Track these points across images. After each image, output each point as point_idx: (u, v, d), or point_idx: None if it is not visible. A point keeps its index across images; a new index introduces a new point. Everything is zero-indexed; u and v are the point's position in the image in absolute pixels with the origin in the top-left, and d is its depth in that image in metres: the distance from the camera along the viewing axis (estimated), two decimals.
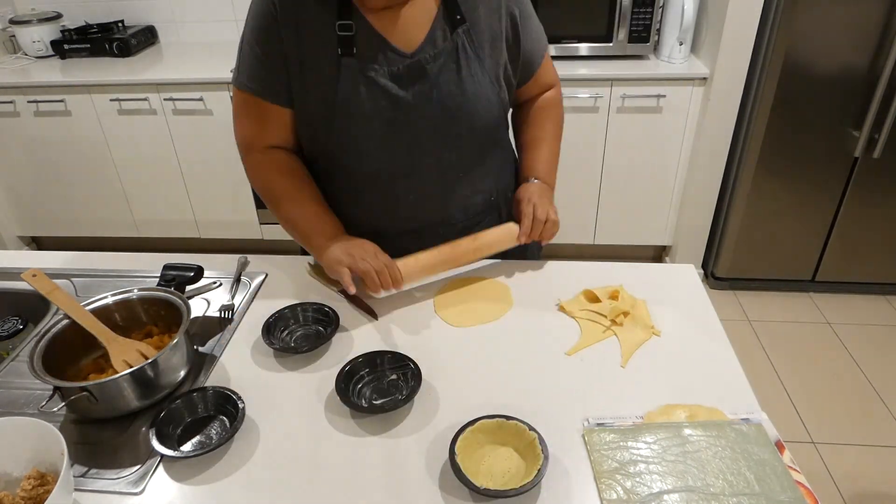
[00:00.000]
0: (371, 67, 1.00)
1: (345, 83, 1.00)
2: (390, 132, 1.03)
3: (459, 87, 1.02)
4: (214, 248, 2.90)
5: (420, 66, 1.01)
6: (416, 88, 1.01)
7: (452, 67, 1.02)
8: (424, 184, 1.10)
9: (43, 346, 0.88)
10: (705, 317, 1.05)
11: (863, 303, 2.56)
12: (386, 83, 1.00)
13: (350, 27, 0.99)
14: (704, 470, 0.77)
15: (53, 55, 2.81)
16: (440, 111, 1.03)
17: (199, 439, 0.84)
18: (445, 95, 1.02)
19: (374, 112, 1.01)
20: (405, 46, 1.01)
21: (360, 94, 1.00)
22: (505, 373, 0.94)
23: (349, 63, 0.99)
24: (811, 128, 2.24)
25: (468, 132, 1.07)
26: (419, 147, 1.05)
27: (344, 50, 0.99)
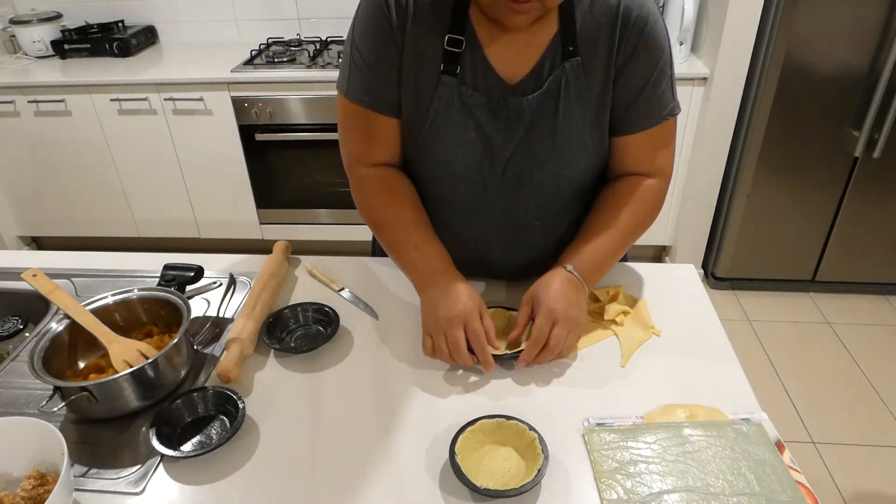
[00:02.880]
0: (469, 94, 0.92)
1: (439, 102, 0.93)
2: (472, 166, 0.96)
3: (553, 131, 0.93)
4: (214, 248, 2.90)
5: (517, 102, 0.92)
6: (506, 125, 0.93)
7: (550, 108, 0.92)
8: (494, 224, 1.02)
9: (43, 346, 0.88)
10: (705, 317, 1.05)
11: (863, 303, 2.56)
12: (480, 115, 0.93)
13: (459, 43, 0.90)
14: (704, 470, 0.77)
15: (53, 55, 2.82)
16: (528, 156, 0.95)
17: (200, 439, 0.84)
18: (535, 140, 0.93)
19: (459, 142, 0.94)
20: (508, 76, 0.92)
21: (451, 119, 0.93)
22: (505, 373, 0.94)
23: (448, 82, 0.92)
24: (811, 128, 2.24)
25: (554, 181, 0.97)
26: (497, 187, 0.98)
27: (447, 67, 0.91)
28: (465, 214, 1.03)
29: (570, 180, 0.99)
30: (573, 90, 0.92)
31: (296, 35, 2.90)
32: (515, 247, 1.06)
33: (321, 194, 2.74)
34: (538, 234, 1.05)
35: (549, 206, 1.02)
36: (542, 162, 0.96)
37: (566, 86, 0.91)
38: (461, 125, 0.94)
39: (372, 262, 1.21)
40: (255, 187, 2.74)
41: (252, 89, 2.50)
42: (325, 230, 2.83)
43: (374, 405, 0.86)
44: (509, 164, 0.96)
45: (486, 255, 1.07)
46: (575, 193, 1.02)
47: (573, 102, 0.92)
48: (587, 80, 0.92)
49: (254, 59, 2.62)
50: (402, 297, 1.11)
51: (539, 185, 0.98)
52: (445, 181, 1.00)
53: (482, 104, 0.93)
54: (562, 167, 0.96)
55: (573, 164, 0.97)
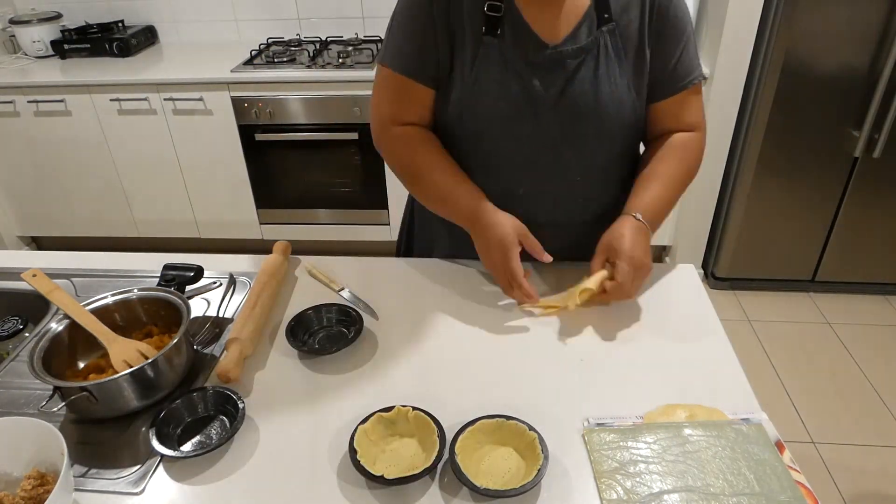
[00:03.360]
0: (510, 51, 1.00)
1: (482, 62, 1.00)
2: (516, 119, 1.02)
3: (594, 87, 1.00)
4: (214, 248, 2.90)
5: (559, 58, 0.99)
6: (549, 80, 1.00)
7: (591, 65, 1.00)
8: (539, 179, 1.08)
9: (43, 346, 0.88)
10: (705, 317, 1.05)
11: (863, 303, 2.56)
12: (521, 69, 1.00)
13: (499, 8, 0.99)
14: (704, 470, 0.77)
15: (53, 55, 2.82)
16: (569, 107, 1.01)
17: (200, 439, 0.84)
18: (578, 93, 1.00)
19: (502, 95, 1.01)
20: (548, 37, 1.00)
21: (493, 75, 1.00)
22: (505, 373, 0.94)
23: (490, 42, 1.00)
24: (811, 128, 2.24)
25: (595, 134, 1.04)
26: (541, 140, 1.04)
27: (488, 30, 0.99)
28: (511, 170, 1.07)
29: (610, 136, 1.05)
30: (611, 51, 1.00)
31: (296, 35, 2.90)
32: (560, 204, 1.11)
33: (321, 194, 2.74)
34: (582, 191, 1.10)
35: (592, 161, 1.07)
36: (584, 115, 1.01)
37: (604, 47, 1.00)
38: (503, 80, 1.00)
39: (372, 261, 1.21)
40: (254, 187, 2.74)
41: (252, 89, 2.50)
42: (325, 230, 2.83)
43: (373, 405, 0.86)
44: (552, 117, 1.02)
45: (533, 212, 1.09)
46: (615, 152, 1.09)
47: (612, 62, 1.00)
48: (623, 44, 1.01)
49: (254, 59, 2.62)
50: (402, 297, 1.11)
51: (581, 139, 1.04)
52: (491, 137, 1.05)
53: (523, 60, 1.00)
54: (603, 121, 1.02)
55: (614, 119, 1.03)
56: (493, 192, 1.08)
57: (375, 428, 0.82)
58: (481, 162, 1.09)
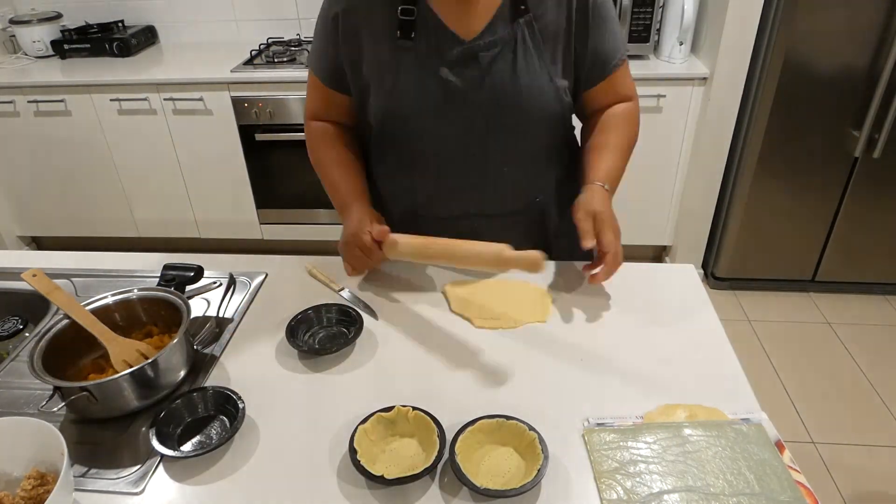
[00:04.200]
0: (426, 52, 1.02)
1: (399, 65, 1.03)
2: (437, 117, 1.05)
3: (512, 78, 1.02)
4: (214, 248, 2.90)
5: (473, 52, 1.01)
6: (467, 75, 1.02)
7: (508, 57, 1.01)
8: (466, 171, 1.10)
9: (43, 346, 0.88)
10: (705, 317, 1.05)
11: (863, 303, 2.56)
12: (438, 67, 1.02)
13: (411, 12, 1.01)
14: (704, 470, 0.77)
15: (53, 55, 2.82)
16: (489, 99, 1.03)
17: (200, 439, 0.84)
18: (497, 84, 1.02)
19: (423, 94, 1.03)
20: (464, 33, 1.02)
21: (410, 77, 1.03)
22: (505, 373, 0.94)
23: (405, 45, 1.02)
24: (811, 128, 2.24)
25: (516, 124, 1.06)
26: (464, 133, 1.06)
27: (402, 34, 1.01)
28: (438, 166, 1.10)
29: (534, 126, 1.08)
30: (529, 42, 1.02)
31: (296, 35, 2.90)
32: (490, 195, 1.13)
33: (321, 194, 2.69)
34: (511, 182, 1.12)
35: (518, 152, 1.10)
36: (505, 107, 1.04)
37: (522, 39, 1.01)
38: (420, 81, 1.03)
39: None
40: (255, 187, 2.74)
41: (252, 89, 2.50)
42: (325, 230, 2.83)
43: (373, 405, 0.86)
44: (473, 111, 1.04)
45: (464, 204, 1.14)
46: (542, 141, 1.11)
47: (531, 53, 1.02)
48: (541, 33, 1.02)
49: (254, 59, 2.62)
50: (402, 297, 1.11)
51: (504, 130, 1.06)
52: (415, 136, 1.08)
53: (439, 57, 1.02)
54: (524, 112, 1.04)
55: (535, 110, 1.05)
56: (424, 189, 1.14)
57: (375, 428, 0.82)
58: (409, 160, 1.12)
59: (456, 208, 1.15)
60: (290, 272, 1.19)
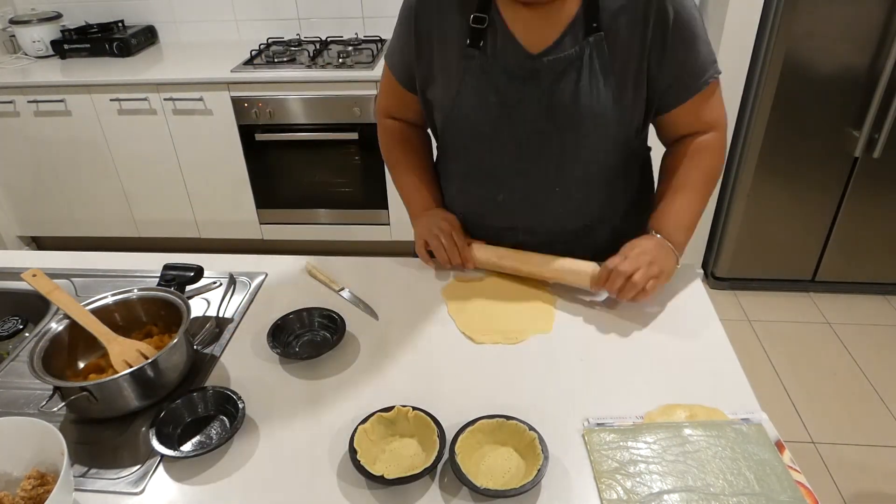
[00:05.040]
0: (492, 62, 1.00)
1: (464, 74, 1.02)
2: (495, 128, 1.04)
3: (573, 99, 0.98)
4: (214, 248, 2.90)
5: (536, 68, 0.98)
6: (527, 90, 0.99)
7: (573, 76, 0.97)
8: (515, 188, 1.08)
9: (43, 346, 0.88)
10: (705, 317, 1.05)
11: (863, 303, 2.56)
12: (500, 80, 1.00)
13: (483, 20, 0.99)
14: (704, 470, 0.77)
15: (53, 55, 2.82)
16: (547, 119, 1.00)
17: (200, 439, 0.84)
18: (557, 105, 0.99)
19: (482, 105, 1.02)
20: (532, 47, 0.98)
21: (473, 86, 1.02)
22: (505, 373, 0.94)
23: (472, 54, 1.01)
24: (811, 127, 2.24)
25: (573, 147, 1.02)
26: (517, 149, 1.04)
27: (472, 42, 1.00)
28: (490, 177, 1.09)
29: (589, 149, 1.03)
30: (596, 62, 0.97)
31: (296, 35, 2.90)
32: (537, 213, 1.11)
33: (321, 194, 2.74)
34: (559, 202, 1.09)
35: (569, 173, 1.06)
36: (562, 128, 1.01)
37: (589, 56, 0.97)
38: (482, 92, 1.02)
39: (372, 261, 1.21)
40: (255, 187, 2.74)
41: (252, 89, 2.50)
42: (325, 230, 2.82)
43: (373, 405, 0.86)
44: (529, 128, 1.02)
45: (510, 219, 1.13)
46: (596, 164, 1.06)
47: (596, 74, 0.97)
48: (611, 55, 0.97)
49: (254, 59, 2.62)
50: (402, 297, 1.11)
51: (559, 150, 1.03)
52: (471, 145, 1.08)
53: (502, 70, 1.00)
54: (581, 134, 1.01)
55: (592, 133, 1.01)
56: (474, 197, 1.14)
57: (375, 428, 0.82)
58: (464, 168, 1.13)
59: (504, 221, 1.13)
60: (290, 272, 1.19)
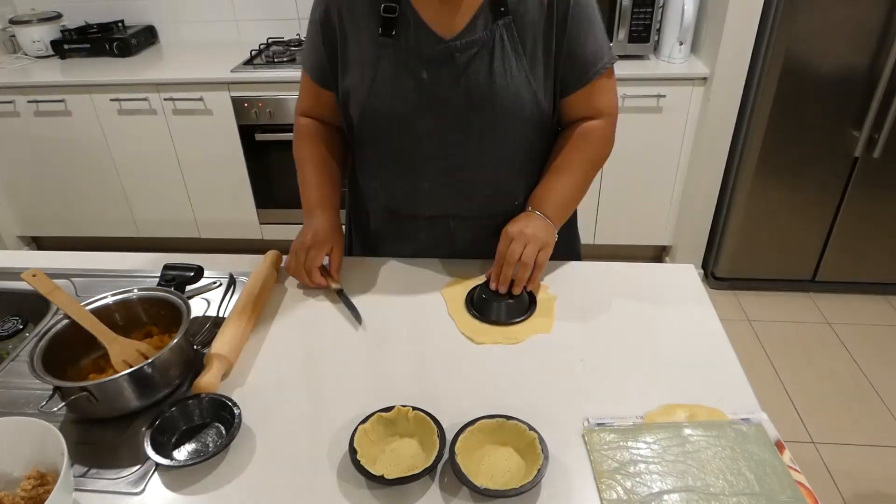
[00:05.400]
0: (405, 50, 1.02)
1: (378, 63, 1.03)
2: (413, 115, 1.04)
3: (488, 79, 1.01)
4: (214, 248, 2.90)
5: (450, 52, 1.01)
6: (443, 74, 1.02)
7: (485, 58, 1.01)
8: (440, 173, 1.09)
9: (43, 346, 0.87)
10: (705, 317, 1.05)
11: (863, 303, 2.56)
12: (415, 66, 1.02)
13: (394, 10, 1.01)
14: (704, 470, 0.77)
15: (53, 55, 2.82)
16: (465, 100, 1.02)
17: (196, 447, 0.83)
18: (473, 85, 1.01)
19: (398, 93, 1.03)
20: (444, 32, 1.01)
21: (388, 75, 1.03)
22: (505, 373, 0.94)
23: (385, 43, 1.02)
24: (811, 128, 2.24)
25: (493, 127, 1.05)
26: (438, 134, 1.06)
27: (384, 31, 1.02)
28: (414, 165, 1.10)
29: (510, 128, 1.06)
30: (507, 44, 1.01)
31: (296, 35, 2.90)
32: (465, 197, 1.12)
33: None
34: (487, 184, 1.11)
35: (494, 154, 1.08)
36: (479, 108, 1.03)
37: (500, 40, 1.00)
38: (398, 79, 1.03)
39: (372, 261, 1.21)
40: (254, 187, 2.74)
41: (252, 89, 2.50)
42: None
43: (373, 405, 0.86)
44: (447, 111, 1.03)
45: (439, 205, 1.14)
46: (516, 143, 1.09)
47: (508, 55, 1.01)
48: (520, 37, 1.01)
49: (254, 59, 2.62)
50: (401, 296, 1.11)
51: (479, 132, 1.05)
52: (392, 134, 1.08)
53: (417, 57, 1.02)
54: (499, 113, 1.03)
55: (511, 112, 1.04)
56: (401, 187, 1.14)
57: (375, 428, 0.82)
58: (388, 158, 1.12)
59: (432, 209, 1.14)
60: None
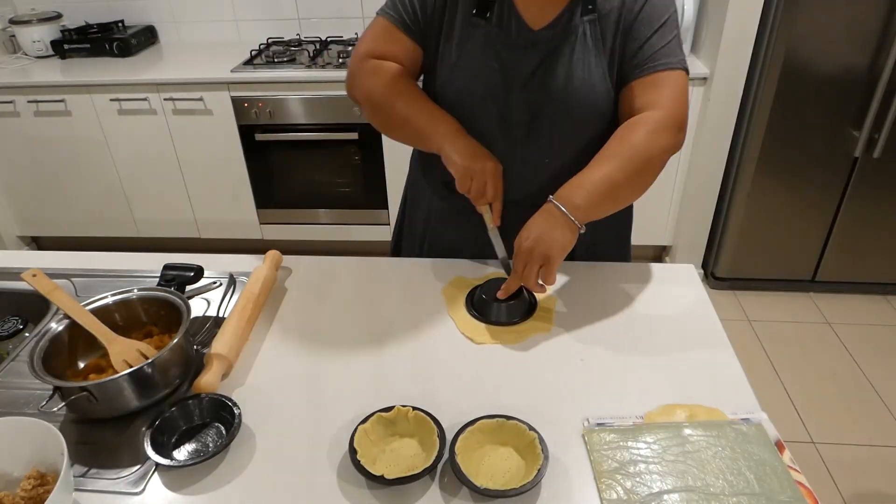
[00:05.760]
0: (495, 32, 1.03)
1: (467, 41, 1.04)
2: (489, 97, 1.06)
3: (567, 72, 1.03)
4: (214, 248, 2.90)
5: (536, 42, 1.03)
6: (524, 62, 1.03)
7: (567, 51, 1.03)
8: (509, 157, 1.09)
9: (43, 346, 0.88)
10: (705, 317, 1.05)
11: (863, 303, 2.56)
12: (500, 49, 1.03)
13: None
14: (704, 470, 0.77)
15: (53, 55, 2.82)
16: (541, 91, 1.04)
17: (196, 447, 0.83)
18: (549, 74, 1.03)
19: (479, 73, 1.05)
20: (533, 22, 1.03)
21: (475, 54, 1.04)
22: (505, 373, 0.94)
23: (477, 23, 1.04)
24: (811, 128, 2.24)
25: (565, 119, 1.06)
26: (511, 118, 1.07)
27: (479, 11, 1.04)
28: (485, 143, 1.08)
29: (582, 121, 1.07)
30: (590, 40, 1.03)
31: (296, 35, 2.90)
32: (528, 183, 1.12)
33: (321, 194, 2.74)
34: (551, 173, 1.11)
35: (562, 145, 1.09)
36: (554, 99, 1.04)
37: (583, 35, 1.03)
38: (482, 59, 1.04)
39: (372, 261, 1.21)
40: (255, 187, 2.74)
41: (252, 89, 2.50)
42: (325, 230, 2.83)
43: (373, 405, 0.86)
44: (524, 96, 1.04)
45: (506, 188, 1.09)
46: (588, 138, 1.09)
47: (589, 51, 1.03)
48: (602, 36, 1.03)
49: (254, 59, 2.62)
50: (401, 296, 1.11)
51: (551, 120, 1.06)
52: (466, 112, 1.08)
53: (503, 40, 1.03)
54: (571, 107, 1.04)
55: (584, 105, 1.04)
56: None
57: (375, 428, 0.82)
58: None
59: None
60: (290, 272, 1.19)
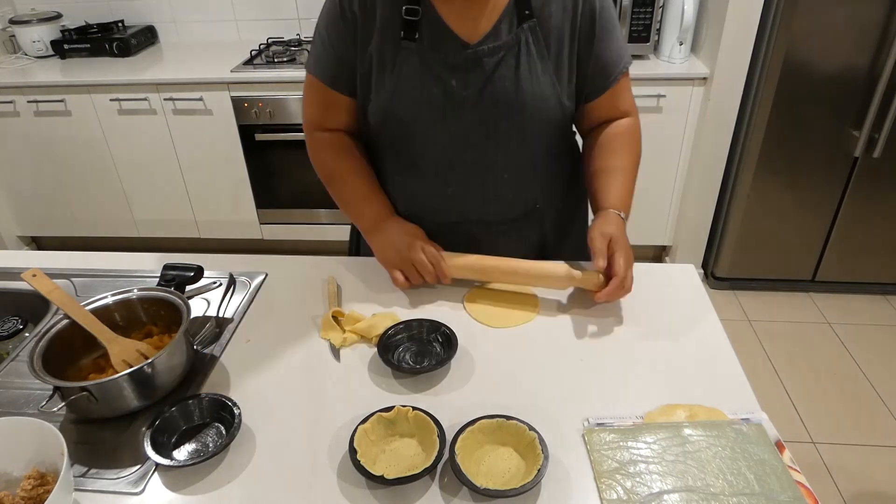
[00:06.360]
0: (429, 54, 1.00)
1: (402, 67, 1.01)
2: (438, 121, 1.03)
3: (514, 84, 1.00)
4: (214, 248, 2.90)
5: (477, 57, 1.00)
6: (469, 80, 1.01)
7: (511, 63, 1.00)
8: (465, 178, 1.09)
9: (43, 346, 0.88)
10: (705, 317, 1.05)
11: (863, 303, 2.56)
12: (441, 71, 1.01)
13: (416, 12, 0.99)
14: (704, 470, 0.77)
15: (53, 55, 2.82)
16: (491, 105, 1.02)
17: (196, 447, 0.83)
18: (499, 90, 1.01)
19: (423, 98, 1.02)
20: (468, 37, 1.00)
21: (412, 79, 1.01)
22: (505, 372, 0.94)
23: (409, 47, 1.00)
24: (811, 128, 2.24)
25: (519, 131, 1.05)
26: (465, 139, 1.05)
27: (406, 34, 1.00)
28: (437, 170, 1.09)
29: (536, 132, 1.06)
30: (533, 48, 1.00)
31: (296, 35, 2.90)
32: (489, 201, 1.12)
33: (321, 194, 2.70)
34: (510, 188, 1.11)
35: (518, 158, 1.08)
36: (506, 113, 1.02)
37: (525, 44, 1.00)
38: (423, 83, 1.02)
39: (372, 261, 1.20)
40: (255, 187, 2.74)
41: (252, 89, 2.50)
42: (325, 230, 2.83)
43: (373, 405, 0.86)
44: (474, 116, 1.03)
45: (463, 210, 1.13)
46: (543, 148, 1.10)
47: (534, 59, 1.01)
48: (545, 39, 1.01)
49: (254, 59, 2.62)
50: (401, 296, 1.11)
51: (505, 136, 1.05)
52: (415, 139, 1.07)
53: (442, 61, 1.01)
54: (525, 118, 1.03)
55: (537, 116, 1.04)
56: (422, 193, 1.12)
57: (375, 428, 0.82)
58: (408, 163, 1.11)
59: (455, 214, 1.13)
60: (290, 272, 1.19)
